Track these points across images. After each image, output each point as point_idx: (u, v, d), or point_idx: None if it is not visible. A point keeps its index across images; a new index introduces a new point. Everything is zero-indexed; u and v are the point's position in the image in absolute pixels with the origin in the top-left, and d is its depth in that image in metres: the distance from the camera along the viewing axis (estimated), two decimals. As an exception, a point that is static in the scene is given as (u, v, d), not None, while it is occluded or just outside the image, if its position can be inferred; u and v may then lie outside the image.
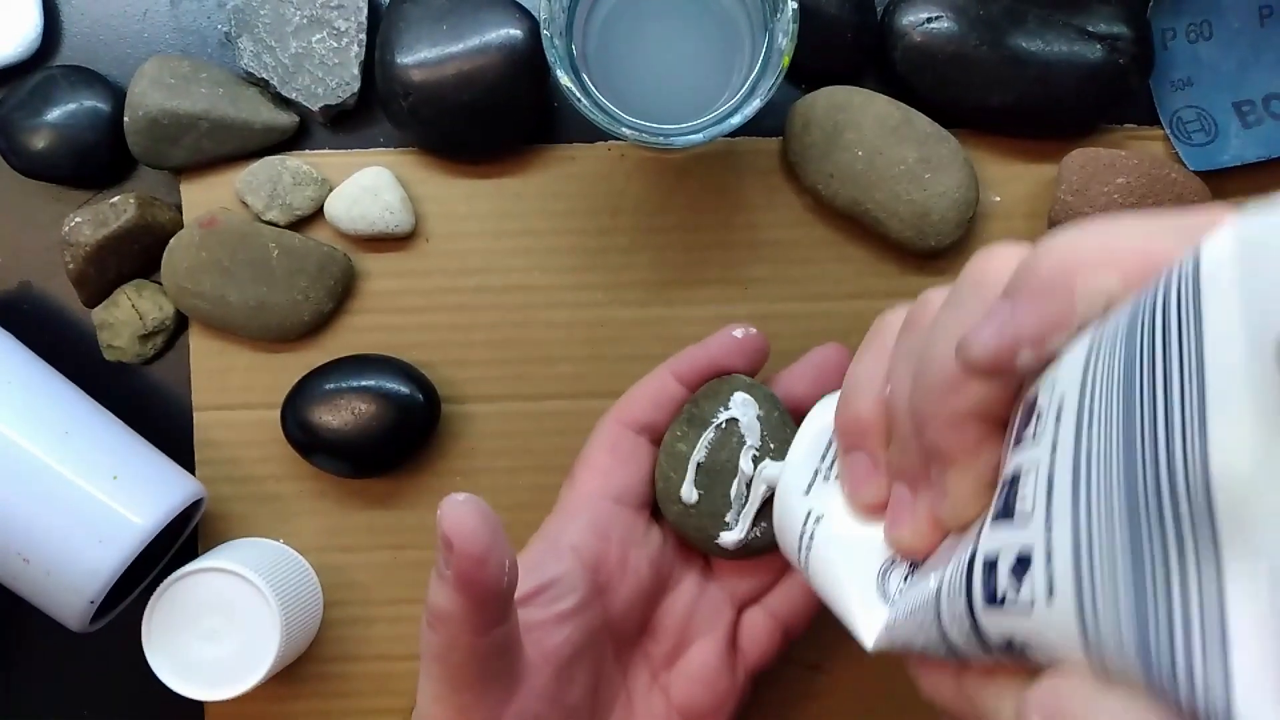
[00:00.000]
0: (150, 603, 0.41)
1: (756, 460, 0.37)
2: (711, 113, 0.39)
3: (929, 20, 0.43)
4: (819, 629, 0.45)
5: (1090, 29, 0.43)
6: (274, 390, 0.44)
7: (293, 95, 0.44)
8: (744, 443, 0.38)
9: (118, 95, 0.44)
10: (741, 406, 0.38)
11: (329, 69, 0.43)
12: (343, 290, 0.44)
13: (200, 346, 0.45)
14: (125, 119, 0.43)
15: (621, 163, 0.45)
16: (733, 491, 0.38)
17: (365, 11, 0.44)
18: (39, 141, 0.43)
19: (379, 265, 0.45)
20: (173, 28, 0.45)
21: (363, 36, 0.44)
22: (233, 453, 0.45)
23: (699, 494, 0.38)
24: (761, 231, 0.45)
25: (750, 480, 0.37)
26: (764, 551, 0.38)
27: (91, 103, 0.43)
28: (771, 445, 0.38)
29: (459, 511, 0.29)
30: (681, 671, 0.38)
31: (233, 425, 0.45)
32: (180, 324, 0.45)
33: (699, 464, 0.38)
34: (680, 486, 0.38)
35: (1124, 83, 0.43)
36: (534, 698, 0.33)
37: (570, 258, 0.45)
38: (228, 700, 0.41)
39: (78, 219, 0.43)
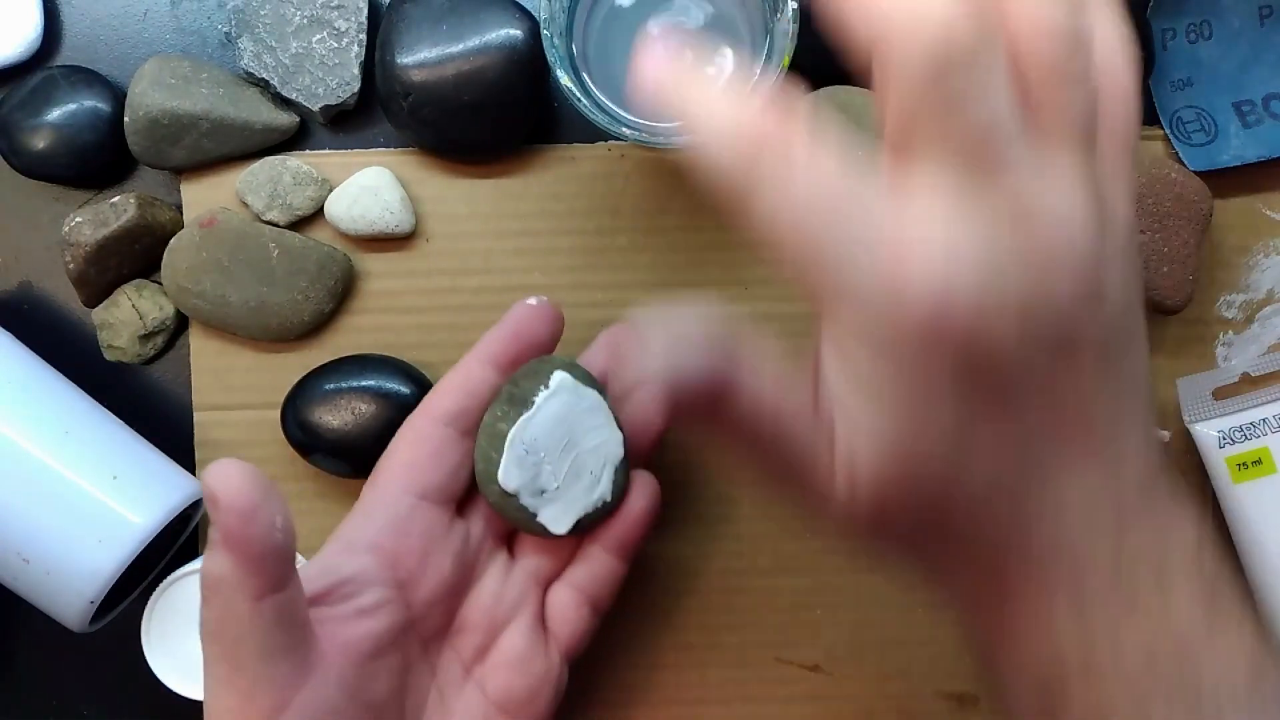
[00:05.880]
0: (150, 603, 0.41)
1: None
2: (711, 113, 0.39)
3: (929, 20, 0.43)
4: (819, 630, 0.45)
5: (1090, 29, 0.43)
6: (274, 390, 0.44)
7: (293, 95, 0.44)
8: None
9: (118, 95, 0.44)
10: (561, 384, 0.37)
11: (329, 69, 0.43)
12: (343, 290, 0.44)
13: (200, 346, 0.45)
14: (125, 119, 0.43)
15: (621, 163, 0.45)
16: None
17: (365, 11, 0.44)
18: (39, 141, 0.43)
19: (379, 265, 0.45)
20: (173, 28, 0.45)
21: (363, 36, 0.44)
22: (233, 453, 0.45)
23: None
24: (761, 231, 0.45)
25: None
26: (594, 527, 0.38)
27: (91, 103, 0.43)
28: None
29: (225, 470, 0.29)
30: (493, 662, 0.38)
31: (233, 425, 0.45)
32: (180, 324, 0.45)
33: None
34: (500, 467, 0.37)
35: (1124, 83, 0.43)
36: (330, 687, 0.32)
37: (570, 258, 0.45)
38: (228, 700, 0.41)
39: (78, 219, 0.43)
